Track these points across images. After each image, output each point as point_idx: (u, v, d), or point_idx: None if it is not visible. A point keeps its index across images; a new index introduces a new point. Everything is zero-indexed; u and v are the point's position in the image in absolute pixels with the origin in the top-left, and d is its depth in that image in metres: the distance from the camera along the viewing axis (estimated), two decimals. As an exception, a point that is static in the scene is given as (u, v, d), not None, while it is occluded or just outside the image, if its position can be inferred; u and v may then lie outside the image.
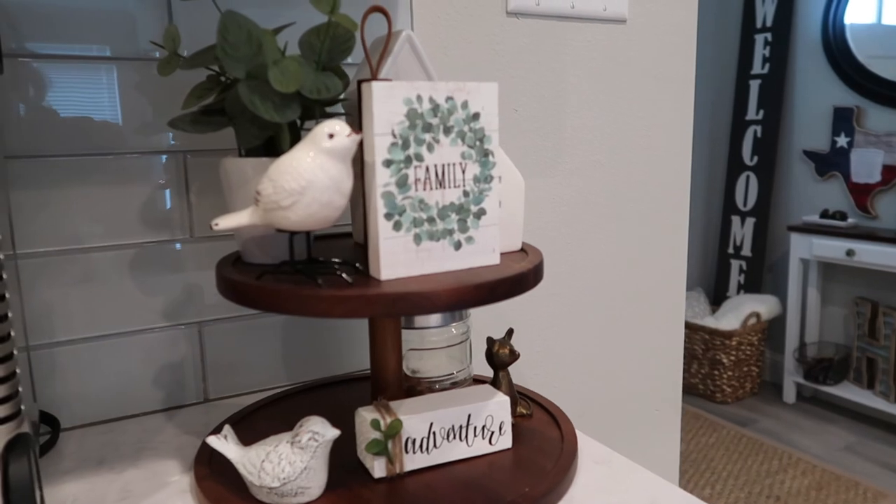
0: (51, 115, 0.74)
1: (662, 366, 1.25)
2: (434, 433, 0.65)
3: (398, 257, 0.59)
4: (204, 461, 0.66)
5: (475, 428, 0.67)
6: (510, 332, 0.76)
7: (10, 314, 0.52)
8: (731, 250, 3.53)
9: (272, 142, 0.63)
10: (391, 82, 0.57)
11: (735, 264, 3.52)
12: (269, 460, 0.59)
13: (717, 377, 3.20)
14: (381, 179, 0.58)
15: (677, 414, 1.29)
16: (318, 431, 0.59)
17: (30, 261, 0.75)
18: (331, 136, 0.55)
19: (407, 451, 0.64)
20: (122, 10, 0.74)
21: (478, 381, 0.83)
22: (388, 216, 0.58)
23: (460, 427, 0.66)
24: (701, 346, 3.24)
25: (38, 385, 0.77)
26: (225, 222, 0.59)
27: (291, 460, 0.58)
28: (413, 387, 0.77)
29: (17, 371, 0.53)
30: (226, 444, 0.62)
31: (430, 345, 0.77)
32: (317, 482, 0.60)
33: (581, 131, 1.08)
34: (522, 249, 0.71)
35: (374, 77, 0.65)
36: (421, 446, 0.64)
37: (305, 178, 0.54)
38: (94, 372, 0.80)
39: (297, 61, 0.59)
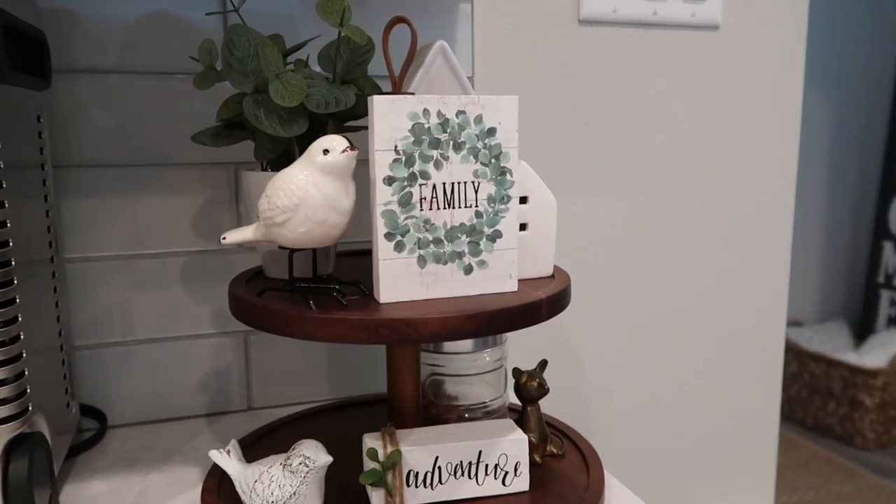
0: (105, 127, 0.77)
1: (753, 421, 1.13)
2: (440, 468, 0.61)
3: (400, 280, 0.56)
4: (216, 474, 0.66)
5: (486, 466, 0.62)
6: (543, 364, 0.71)
7: (20, 318, 0.55)
8: (881, 279, 3.18)
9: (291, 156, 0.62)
10: (393, 96, 0.54)
11: (885, 295, 3.16)
12: (260, 481, 0.57)
13: (858, 419, 2.88)
14: (382, 197, 0.55)
15: (771, 475, 1.15)
16: (310, 456, 0.57)
17: (86, 265, 0.79)
18: (325, 151, 0.53)
19: (409, 485, 0.60)
20: (175, 23, 0.77)
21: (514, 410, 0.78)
22: (389, 236, 0.55)
23: (469, 464, 0.61)
24: (839, 383, 2.93)
25: (88, 383, 0.81)
26: (232, 236, 0.59)
27: (281, 483, 0.57)
28: (440, 414, 0.73)
29: (26, 372, 0.55)
30: (227, 460, 0.61)
31: (461, 371, 0.73)
32: (308, 509, 0.58)
33: (661, 148, 0.99)
34: (552, 275, 0.66)
35: (398, 91, 0.62)
36: (424, 481, 0.61)
37: (297, 196, 0.53)
38: (142, 373, 0.82)
39: (309, 74, 0.58)
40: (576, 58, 0.94)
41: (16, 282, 0.54)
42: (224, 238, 0.58)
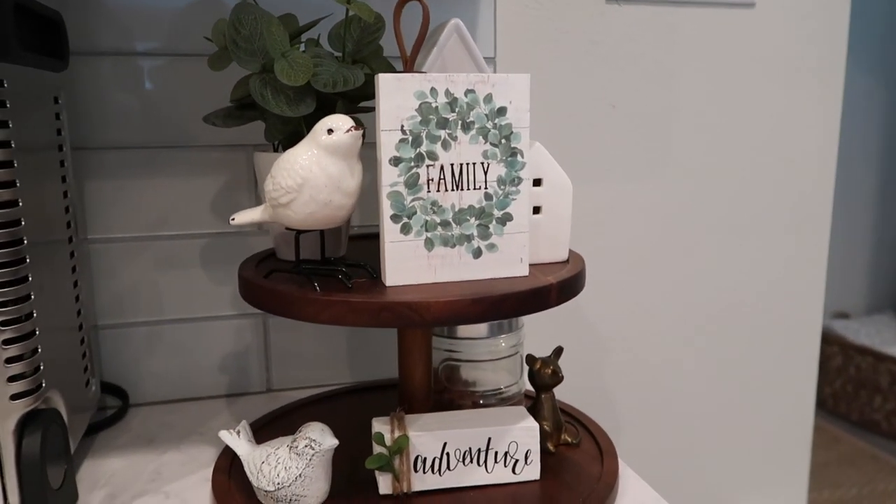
0: (127, 108, 0.78)
1: (787, 414, 1.09)
2: (448, 454, 0.60)
3: (406, 263, 0.55)
4: (228, 454, 0.66)
5: (496, 454, 0.61)
6: (558, 352, 0.69)
7: (32, 295, 0.55)
8: (934, 270, 3.05)
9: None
10: (400, 74, 0.53)
11: (938, 286, 3.03)
12: (267, 462, 0.57)
13: (905, 416, 2.77)
14: (388, 178, 0.54)
15: (804, 471, 1.11)
16: (315, 439, 0.56)
17: (108, 245, 0.80)
18: (330, 131, 0.52)
19: (416, 470, 0.59)
20: (198, 3, 0.77)
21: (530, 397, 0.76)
22: (396, 218, 0.55)
23: (478, 451, 0.60)
24: (887, 377, 2.83)
25: (111, 362, 0.82)
26: (241, 217, 0.58)
27: (287, 465, 0.57)
28: (454, 400, 0.72)
29: (39, 349, 0.56)
30: (237, 440, 0.61)
31: (476, 356, 0.72)
32: (313, 491, 0.57)
33: (692, 131, 0.96)
34: (567, 260, 0.64)
35: (408, 69, 0.61)
36: (433, 467, 0.60)
37: (301, 176, 0.52)
38: (164, 353, 0.83)
39: (318, 53, 0.57)
40: (603, 37, 0.91)
41: (28, 260, 0.55)
42: (233, 219, 0.58)
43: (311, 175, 0.52)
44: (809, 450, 1.11)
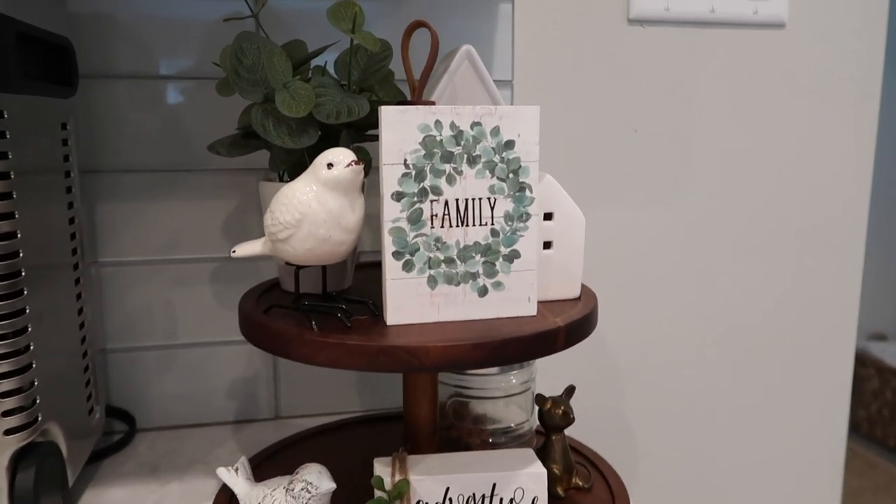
0: (141, 131, 0.77)
1: (818, 442, 1.04)
2: (451, 500, 0.57)
3: (408, 301, 0.53)
4: (227, 490, 0.65)
5: (501, 500, 0.58)
6: (570, 391, 0.66)
7: (29, 328, 0.54)
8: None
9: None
10: (403, 106, 0.51)
11: (982, 310, 2.92)
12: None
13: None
14: (391, 214, 0.52)
15: (836, 501, 1.07)
16: (312, 482, 0.55)
17: (119, 269, 0.79)
18: (330, 165, 0.50)
19: (418, 515, 0.57)
20: (211, 28, 0.76)
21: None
22: (398, 255, 0.53)
23: (482, 497, 0.58)
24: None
25: (119, 386, 0.81)
26: (242, 250, 0.57)
27: (283, 508, 0.55)
28: (462, 437, 0.70)
29: (36, 382, 0.55)
30: (235, 479, 0.60)
31: (486, 392, 0.70)
32: (310, 535, 0.55)
33: (718, 157, 0.93)
34: (579, 297, 0.61)
35: (417, 99, 0.59)
36: (435, 512, 0.57)
37: (299, 211, 0.50)
38: (172, 378, 0.83)
39: (322, 83, 0.55)
40: (625, 60, 0.88)
41: (26, 291, 0.54)
42: (234, 252, 0.57)
43: (309, 210, 0.50)
44: (842, 476, 1.06)
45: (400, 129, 0.51)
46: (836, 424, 1.05)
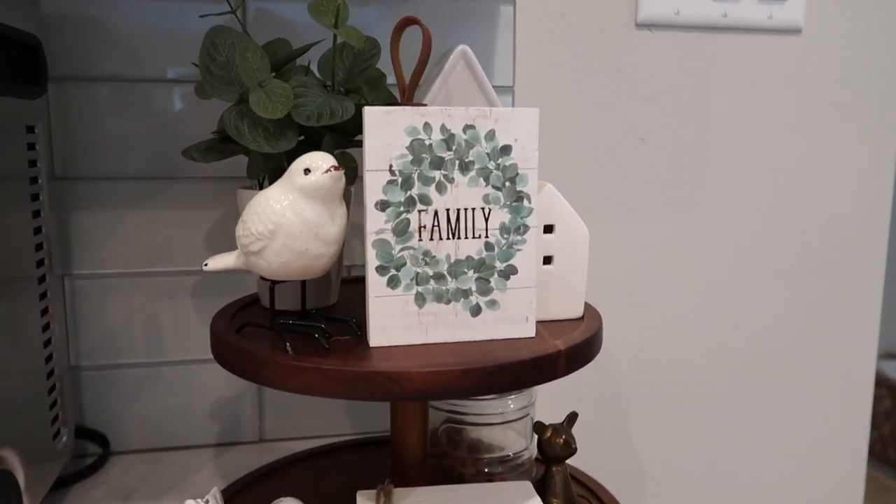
0: (119, 137, 0.73)
1: (837, 466, 0.99)
2: (439, 538, 0.52)
3: (394, 321, 0.49)
4: (201, 520, 0.60)
5: (495, 539, 0.53)
6: (572, 418, 0.61)
7: (-19, 347, 0.50)
8: None
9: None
10: (389, 107, 0.47)
11: None
12: (233, 542, 0.51)
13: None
14: (374, 225, 0.47)
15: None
16: (287, 519, 0.50)
17: (95, 281, 0.75)
18: (307, 171, 0.46)
19: (403, 555, 0.52)
20: (193, 29, 0.72)
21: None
22: (382, 270, 0.48)
23: (474, 535, 0.53)
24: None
25: (93, 406, 0.77)
26: (214, 263, 0.52)
27: (255, 547, 0.50)
28: (455, 467, 0.65)
29: (-12, 406, 0.51)
30: (205, 511, 0.55)
31: (482, 418, 0.65)
32: (284, 577, 0.50)
33: (728, 165, 0.88)
34: (582, 317, 0.57)
35: (406, 101, 0.55)
36: (421, 552, 0.52)
37: (273, 221, 0.46)
38: (150, 398, 0.78)
39: (303, 82, 0.51)
40: (632, 66, 0.84)
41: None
42: (206, 265, 0.52)
43: (284, 221, 0.46)
44: (862, 501, 1.01)
45: (385, 131, 0.47)
46: (856, 450, 0.99)
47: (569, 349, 0.48)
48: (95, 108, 0.72)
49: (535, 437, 0.65)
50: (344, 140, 0.56)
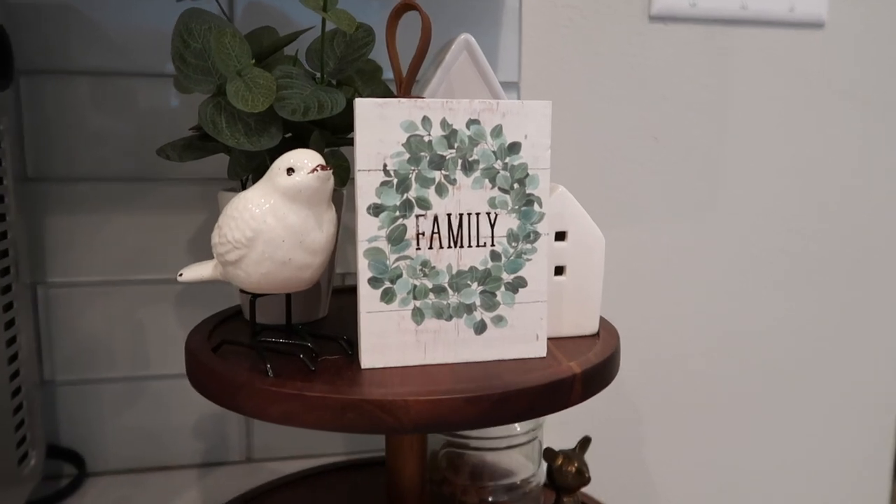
0: (96, 136, 0.68)
1: (861, 487, 0.93)
2: (439, 579, 0.47)
3: (388, 339, 0.43)
4: (177, 554, 0.55)
5: (501, 580, 0.48)
6: (584, 443, 0.56)
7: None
8: None
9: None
10: (382, 99, 0.41)
11: None
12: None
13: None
14: (367, 232, 0.42)
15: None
16: (268, 560, 0.44)
17: (71, 290, 0.70)
18: (290, 171, 0.41)
19: None
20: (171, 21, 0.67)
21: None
22: (375, 282, 0.43)
23: (478, 576, 0.48)
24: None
25: (68, 424, 0.71)
26: (189, 274, 0.47)
27: (232, 592, 0.45)
28: (457, 494, 0.59)
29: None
30: (179, 548, 0.49)
31: (485, 443, 0.59)
32: None
33: (747, 165, 0.83)
34: (597, 333, 0.51)
35: (403, 93, 0.49)
36: None
37: (251, 227, 0.41)
38: (131, 414, 0.73)
39: (288, 72, 0.46)
40: (645, 60, 0.78)
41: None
42: (181, 275, 0.47)
43: (264, 227, 0.41)
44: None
45: (379, 126, 0.41)
46: (880, 475, 0.94)
47: (585, 372, 0.42)
48: (72, 104, 0.67)
49: (544, 462, 0.60)
50: (335, 137, 0.51)
